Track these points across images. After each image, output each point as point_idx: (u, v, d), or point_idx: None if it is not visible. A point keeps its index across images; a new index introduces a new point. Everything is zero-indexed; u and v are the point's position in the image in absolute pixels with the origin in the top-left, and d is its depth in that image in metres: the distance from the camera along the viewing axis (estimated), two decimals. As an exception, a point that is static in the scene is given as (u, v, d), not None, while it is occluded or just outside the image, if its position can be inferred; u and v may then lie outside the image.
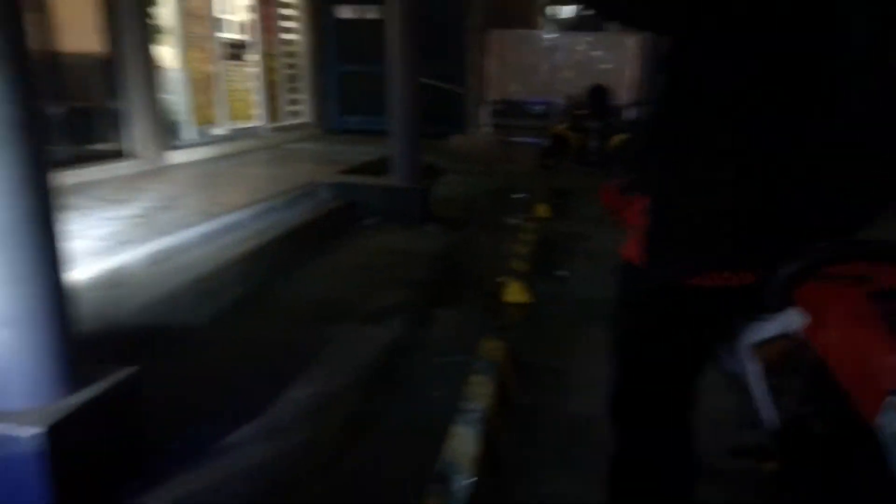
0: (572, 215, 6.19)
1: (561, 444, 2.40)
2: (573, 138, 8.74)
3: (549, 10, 14.67)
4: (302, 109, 10.10)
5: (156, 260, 3.83)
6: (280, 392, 2.71)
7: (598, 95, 8.34)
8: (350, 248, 4.98)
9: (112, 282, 3.26)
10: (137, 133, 6.10)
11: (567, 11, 14.78)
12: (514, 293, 3.81)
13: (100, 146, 5.89)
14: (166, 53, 6.87)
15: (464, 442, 2.15)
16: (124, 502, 2.01)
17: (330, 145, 9.07)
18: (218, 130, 7.80)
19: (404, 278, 4.30)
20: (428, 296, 3.98)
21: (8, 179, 1.70)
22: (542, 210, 6.03)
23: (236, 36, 8.31)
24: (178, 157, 6.71)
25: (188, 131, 7.21)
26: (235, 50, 8.28)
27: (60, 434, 1.79)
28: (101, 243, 3.69)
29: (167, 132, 6.69)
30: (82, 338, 2.03)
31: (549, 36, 12.93)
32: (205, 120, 7.59)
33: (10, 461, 1.74)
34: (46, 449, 1.76)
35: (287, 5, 9.51)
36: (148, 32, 6.30)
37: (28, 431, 1.74)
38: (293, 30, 9.72)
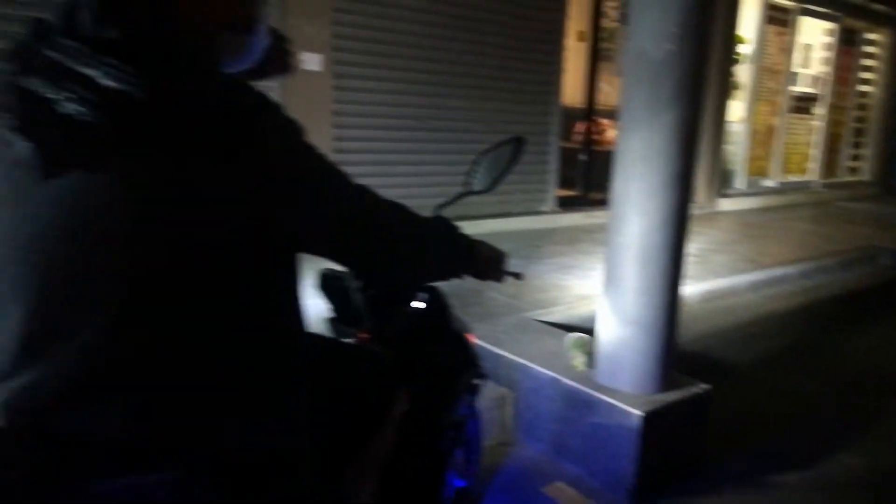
0: None
1: None
2: None
3: None
4: (862, 166, 9.29)
5: (708, 297, 4.21)
6: (829, 451, 2.71)
7: None
8: (913, 326, 4.46)
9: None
10: (698, 179, 6.65)
11: None
12: None
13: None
14: (735, 107, 7.27)
15: None
16: (676, 496, 2.37)
17: (891, 207, 8.13)
18: (768, 182, 7.86)
19: None
20: None
21: (663, 214, 2.22)
22: None
23: (807, 89, 8.20)
24: (726, 204, 7.05)
25: (740, 181, 7.48)
26: (802, 103, 8.18)
27: (652, 420, 2.25)
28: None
29: (721, 181, 7.09)
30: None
31: None
32: (757, 171, 7.75)
33: (620, 429, 2.28)
34: (642, 428, 2.23)
35: (870, 55, 8.88)
36: (726, 88, 6.79)
37: (635, 411, 2.24)
38: (871, 81, 9.02)
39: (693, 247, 5.16)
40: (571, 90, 6.25)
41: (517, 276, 1.49)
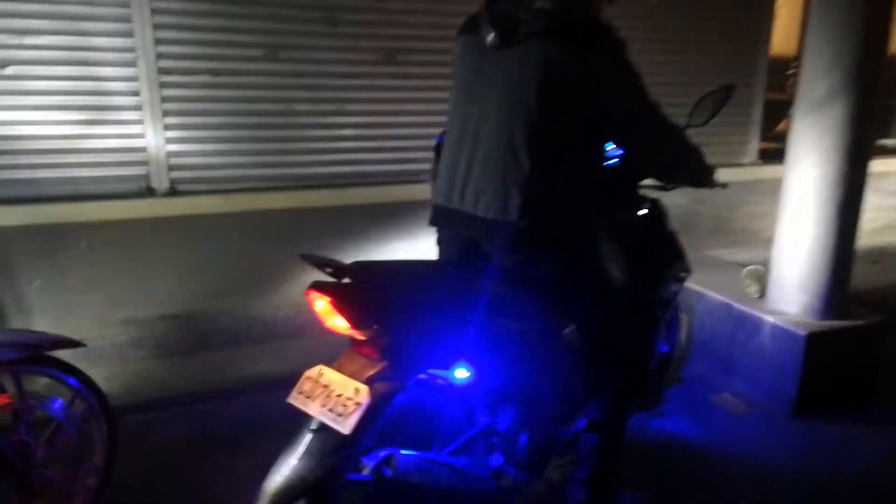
0: None
1: None
2: None
3: None
4: None
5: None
6: None
7: None
8: None
9: (872, 257, 3.74)
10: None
11: None
12: None
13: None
14: None
15: None
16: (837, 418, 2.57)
17: None
18: None
19: None
20: None
21: (838, 159, 2.43)
22: None
23: None
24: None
25: None
26: None
27: (815, 342, 2.49)
28: (872, 224, 4.16)
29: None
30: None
31: None
32: None
33: (785, 348, 2.56)
34: (805, 348, 2.49)
35: None
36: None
37: (799, 332, 2.50)
38: None
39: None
40: (783, 39, 6.04)
41: (724, 185, 1.91)
